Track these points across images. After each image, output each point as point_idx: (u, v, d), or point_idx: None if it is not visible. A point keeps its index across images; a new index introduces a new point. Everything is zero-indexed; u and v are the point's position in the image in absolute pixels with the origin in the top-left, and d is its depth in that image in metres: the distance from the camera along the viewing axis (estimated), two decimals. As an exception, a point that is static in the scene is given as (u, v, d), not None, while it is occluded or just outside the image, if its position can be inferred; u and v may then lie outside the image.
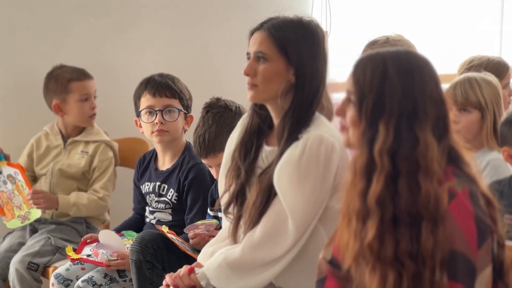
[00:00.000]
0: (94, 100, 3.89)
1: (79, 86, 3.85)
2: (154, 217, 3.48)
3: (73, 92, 3.85)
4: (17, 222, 3.75)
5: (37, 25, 4.15)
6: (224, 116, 3.03)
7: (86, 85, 3.87)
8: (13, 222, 3.77)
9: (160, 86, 3.44)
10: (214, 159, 3.04)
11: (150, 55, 4.35)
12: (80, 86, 3.85)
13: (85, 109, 3.86)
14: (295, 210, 2.42)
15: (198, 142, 3.05)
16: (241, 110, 3.04)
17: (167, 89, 3.44)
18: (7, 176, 3.78)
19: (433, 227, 1.94)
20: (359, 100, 2.01)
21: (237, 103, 3.10)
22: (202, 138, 3.02)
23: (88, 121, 3.89)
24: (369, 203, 1.97)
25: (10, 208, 3.76)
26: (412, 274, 1.94)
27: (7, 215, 3.77)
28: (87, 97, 3.86)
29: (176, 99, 3.44)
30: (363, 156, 1.99)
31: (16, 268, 3.57)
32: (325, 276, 2.21)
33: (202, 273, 2.56)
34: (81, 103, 3.85)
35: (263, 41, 2.52)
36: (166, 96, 3.43)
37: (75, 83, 3.85)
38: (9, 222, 3.77)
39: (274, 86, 2.50)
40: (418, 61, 2.05)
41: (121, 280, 3.33)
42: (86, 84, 3.87)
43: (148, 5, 4.36)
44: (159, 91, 3.44)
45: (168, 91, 3.44)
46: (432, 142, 1.98)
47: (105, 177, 3.83)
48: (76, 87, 3.85)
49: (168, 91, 3.44)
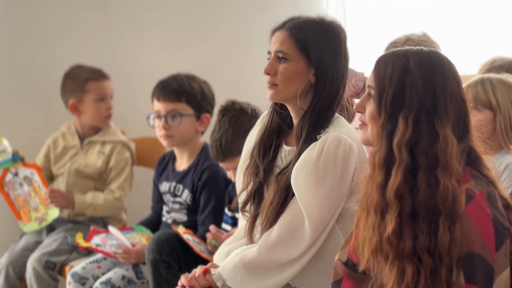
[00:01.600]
0: (110, 100, 3.89)
1: (95, 86, 3.85)
2: (170, 216, 3.48)
3: (90, 92, 3.85)
4: (34, 225, 3.75)
5: (54, 25, 4.16)
6: (240, 119, 3.02)
7: (103, 85, 3.87)
8: (30, 226, 3.77)
9: (164, 90, 3.44)
10: (231, 162, 3.03)
11: (167, 55, 4.35)
12: (97, 86, 3.86)
13: (101, 110, 3.86)
14: (312, 211, 2.40)
15: (215, 146, 3.04)
16: (257, 112, 3.03)
17: (172, 93, 3.43)
18: (23, 177, 3.78)
19: (450, 224, 1.94)
20: (379, 93, 2.02)
21: (252, 106, 3.08)
22: (219, 142, 3.02)
23: (104, 121, 3.89)
24: (388, 196, 1.97)
25: (26, 211, 3.77)
26: (429, 270, 1.94)
27: (24, 219, 3.77)
28: (103, 97, 3.86)
29: (182, 102, 3.43)
30: (382, 149, 2.00)
31: (34, 267, 3.58)
32: (341, 277, 2.20)
33: (218, 274, 2.54)
34: (97, 103, 3.85)
35: (284, 41, 2.51)
36: (170, 101, 3.43)
37: (92, 83, 3.85)
38: (26, 225, 3.77)
39: (294, 86, 2.49)
40: (440, 59, 2.05)
41: (138, 282, 3.34)
42: (103, 84, 3.87)
43: (165, 4, 4.36)
44: (163, 96, 3.44)
45: (173, 95, 3.43)
46: (452, 139, 1.98)
47: (121, 177, 3.83)
48: (93, 87, 3.85)
49: (173, 95, 3.43)
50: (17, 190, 3.78)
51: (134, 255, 3.31)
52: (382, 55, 2.08)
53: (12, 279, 3.65)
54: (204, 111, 3.47)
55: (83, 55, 4.14)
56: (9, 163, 3.75)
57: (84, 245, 3.43)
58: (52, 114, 4.02)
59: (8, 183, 3.78)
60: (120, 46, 4.29)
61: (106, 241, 3.39)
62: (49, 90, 4.05)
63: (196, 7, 4.42)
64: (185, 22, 4.40)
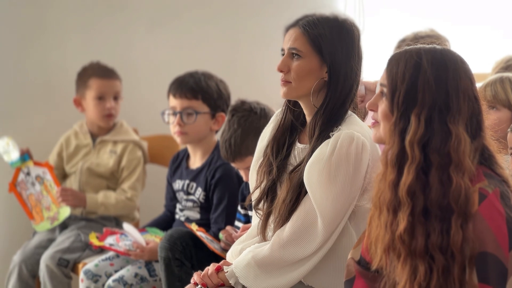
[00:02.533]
0: (112, 100, 3.85)
1: (97, 84, 3.84)
2: (184, 214, 3.48)
3: (91, 88, 3.85)
4: (46, 225, 3.76)
5: (68, 23, 4.17)
6: (250, 119, 3.01)
7: (105, 84, 3.85)
8: (42, 225, 3.77)
9: (181, 87, 3.44)
10: (242, 163, 3.03)
11: (180, 53, 4.35)
12: (98, 83, 3.85)
13: (99, 108, 3.85)
14: (324, 209, 2.40)
15: (225, 147, 3.03)
16: (266, 112, 3.02)
17: (189, 90, 3.43)
18: (35, 177, 3.78)
19: (463, 222, 1.93)
20: (391, 91, 2.02)
21: (262, 105, 3.07)
22: (229, 143, 3.01)
23: (103, 120, 3.87)
24: (400, 194, 1.97)
25: (39, 210, 3.77)
26: (442, 268, 1.93)
27: (36, 219, 3.78)
28: (102, 96, 3.84)
29: (198, 100, 3.43)
30: (395, 147, 2.00)
31: (47, 264, 3.59)
32: (353, 276, 2.20)
33: (231, 272, 2.53)
34: (96, 101, 3.85)
35: (298, 38, 2.51)
36: (187, 98, 3.43)
37: (94, 80, 3.85)
38: (38, 225, 3.78)
39: (307, 83, 2.49)
40: (453, 57, 2.05)
41: (151, 280, 3.34)
42: (106, 83, 3.85)
43: (179, 2, 4.36)
44: (180, 93, 3.44)
45: (190, 92, 3.43)
46: (464, 137, 1.97)
47: (133, 177, 3.83)
48: (94, 84, 3.85)
49: (189, 93, 3.43)
50: (29, 190, 3.79)
51: (147, 253, 3.31)
52: (395, 53, 2.08)
53: (25, 276, 3.66)
54: (219, 110, 3.47)
55: (97, 54, 4.15)
56: (19, 162, 3.76)
57: (98, 244, 3.43)
58: (65, 112, 4.02)
59: (21, 182, 3.79)
60: (134, 44, 4.30)
61: (119, 240, 3.40)
62: (62, 89, 4.06)
63: (209, 5, 4.41)
64: (199, 20, 4.40)
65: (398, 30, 4.34)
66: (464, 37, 4.38)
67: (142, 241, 3.32)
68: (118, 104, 3.89)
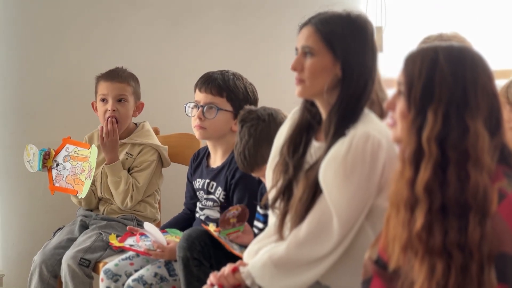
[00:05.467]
0: (116, 103, 3.80)
1: (101, 86, 3.83)
2: (204, 213, 3.47)
3: (97, 91, 3.86)
4: (87, 184, 3.73)
5: (88, 23, 4.17)
6: (259, 128, 2.97)
7: (108, 86, 3.81)
8: (85, 188, 3.73)
9: (208, 82, 3.43)
10: (260, 172, 3.01)
11: (201, 52, 4.35)
12: (102, 86, 3.83)
13: (101, 110, 3.83)
14: (340, 208, 2.39)
15: (240, 159, 3.01)
16: (275, 116, 2.98)
17: (214, 87, 3.41)
18: (63, 160, 3.79)
19: (481, 219, 1.91)
20: (408, 88, 2.01)
21: (269, 110, 3.02)
22: (243, 156, 2.98)
23: (104, 122, 3.82)
24: (417, 191, 1.96)
25: (78, 181, 3.75)
26: (460, 266, 1.92)
27: (79, 189, 3.75)
28: (104, 98, 3.82)
29: (222, 97, 3.42)
30: (411, 144, 1.98)
31: (68, 264, 3.59)
32: (370, 276, 2.18)
33: (247, 272, 2.53)
34: (100, 103, 3.84)
35: (310, 36, 2.50)
36: (211, 93, 3.42)
37: (100, 83, 3.84)
38: (82, 192, 3.74)
39: (320, 81, 2.48)
40: (470, 54, 2.03)
41: (171, 279, 3.32)
42: (109, 85, 3.81)
43: (200, 2, 4.35)
44: (205, 87, 3.43)
45: (215, 88, 3.41)
46: (483, 133, 1.95)
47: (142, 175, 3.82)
48: (100, 87, 3.84)
49: (215, 89, 3.41)
50: (64, 175, 3.79)
51: (168, 253, 3.30)
52: (411, 51, 2.06)
53: (46, 277, 3.66)
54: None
55: (117, 53, 4.15)
56: (40, 163, 3.77)
57: (118, 245, 3.43)
58: (85, 113, 4.01)
59: (56, 177, 3.79)
60: (154, 43, 4.29)
61: (139, 241, 3.39)
62: (82, 89, 4.06)
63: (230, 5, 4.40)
64: (220, 20, 4.39)
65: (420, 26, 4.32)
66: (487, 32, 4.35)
67: (163, 240, 3.31)
68: (124, 107, 3.83)
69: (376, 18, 4.46)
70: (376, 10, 4.44)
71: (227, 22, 4.40)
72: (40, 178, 3.97)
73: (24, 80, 4.08)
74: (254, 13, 4.44)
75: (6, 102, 4.03)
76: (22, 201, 4.11)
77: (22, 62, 4.07)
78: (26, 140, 3.87)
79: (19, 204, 4.10)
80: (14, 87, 4.06)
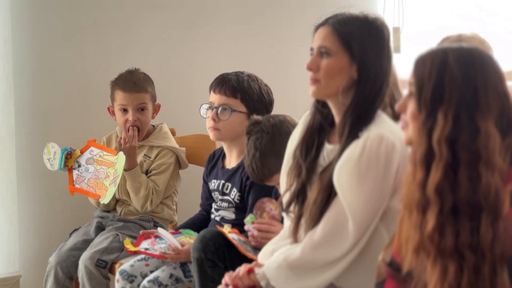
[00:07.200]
0: (137, 112, 3.80)
1: (119, 96, 3.81)
2: (219, 214, 3.47)
3: (115, 100, 3.84)
4: (111, 190, 3.72)
5: (105, 23, 4.18)
6: (264, 141, 2.96)
7: (127, 97, 3.79)
8: (109, 193, 3.72)
9: (222, 83, 3.43)
10: (271, 182, 3.01)
11: (217, 53, 4.35)
12: (121, 96, 3.81)
13: (121, 119, 3.82)
14: (355, 210, 2.39)
15: (249, 172, 3.01)
16: (279, 127, 2.96)
17: (228, 88, 3.41)
18: (86, 162, 3.79)
19: (493, 220, 1.91)
20: (418, 89, 2.00)
21: (273, 120, 2.99)
22: (251, 168, 2.99)
23: (126, 131, 3.81)
24: (428, 193, 1.95)
25: (101, 186, 3.75)
26: (472, 267, 1.91)
27: (102, 194, 3.75)
28: (125, 108, 3.81)
29: (237, 99, 3.41)
30: (422, 146, 1.98)
31: (86, 265, 3.59)
32: (384, 278, 2.17)
33: (262, 273, 2.54)
34: (119, 112, 3.83)
35: (327, 36, 2.50)
36: (225, 95, 3.41)
37: (117, 92, 3.83)
38: (105, 198, 3.73)
39: (336, 81, 2.47)
40: (480, 55, 2.02)
41: (186, 281, 3.33)
42: (128, 96, 3.79)
43: (217, 2, 4.35)
44: (220, 89, 3.43)
45: (229, 90, 3.41)
46: (494, 133, 1.94)
47: (161, 178, 3.82)
48: (118, 96, 3.83)
49: (229, 90, 3.41)
50: (86, 178, 3.79)
51: (183, 255, 3.30)
52: (421, 53, 2.05)
53: (61, 279, 3.66)
54: (257, 113, 3.41)
55: (134, 55, 4.16)
56: (62, 162, 3.77)
57: (133, 249, 3.43)
58: (103, 115, 4.02)
59: (77, 179, 3.80)
60: (170, 44, 4.29)
61: (154, 244, 3.39)
62: (99, 91, 4.06)
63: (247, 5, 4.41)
64: (237, 20, 4.40)
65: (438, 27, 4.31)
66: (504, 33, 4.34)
67: (177, 244, 3.31)
68: (145, 115, 3.83)
69: (394, 19, 4.46)
70: (394, 11, 4.44)
71: (242, 23, 4.40)
72: (56, 179, 3.99)
73: (41, 81, 4.09)
74: (269, 14, 4.44)
75: (23, 103, 4.04)
76: (39, 202, 4.12)
77: (39, 64, 4.08)
78: (43, 141, 3.87)
79: (36, 205, 4.11)
80: (31, 88, 4.07)
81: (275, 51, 4.46)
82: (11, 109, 3.99)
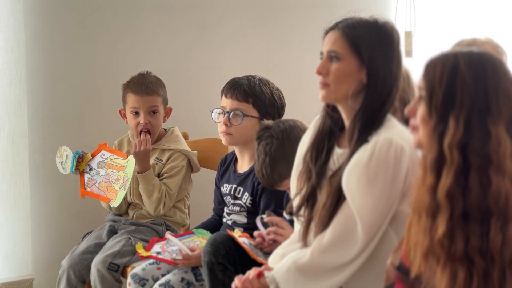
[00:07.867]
0: (149, 115, 3.80)
1: (131, 99, 3.82)
2: (231, 218, 3.47)
3: (127, 102, 3.84)
4: (122, 193, 3.74)
5: (118, 29, 4.20)
6: (273, 147, 2.96)
7: (139, 99, 3.80)
8: (119, 197, 3.73)
9: (233, 88, 3.43)
10: (281, 187, 3.01)
11: (229, 56, 4.35)
12: (132, 99, 3.82)
13: (133, 122, 3.83)
14: (364, 214, 2.38)
15: (259, 177, 3.01)
16: (289, 133, 2.96)
17: (240, 93, 3.41)
18: (97, 166, 3.80)
19: (503, 225, 1.90)
20: (429, 94, 2.00)
21: (283, 126, 2.99)
22: (261, 174, 2.99)
23: (137, 134, 3.82)
24: (439, 198, 1.95)
25: (111, 189, 3.76)
26: (482, 272, 1.91)
27: (112, 198, 3.76)
28: (136, 111, 3.81)
29: (248, 103, 3.41)
30: (433, 151, 1.98)
31: (98, 269, 3.60)
32: (392, 282, 2.17)
33: (272, 277, 2.54)
34: (131, 115, 3.83)
35: (337, 40, 2.50)
36: (237, 99, 3.42)
37: (129, 95, 3.83)
38: (116, 200, 3.74)
39: (345, 85, 2.48)
40: (491, 59, 2.02)
41: (198, 284, 3.33)
42: (139, 99, 3.80)
43: (228, 6, 4.36)
44: (231, 93, 3.43)
45: (241, 94, 3.41)
46: (505, 138, 1.94)
47: (173, 181, 3.82)
48: (129, 99, 3.83)
49: (241, 95, 3.41)
50: (97, 181, 3.80)
51: (194, 260, 3.30)
52: (432, 57, 2.05)
53: (74, 282, 3.67)
54: (269, 117, 3.42)
55: (146, 58, 4.17)
56: (73, 165, 3.78)
57: (145, 255, 3.44)
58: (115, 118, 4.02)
59: (88, 182, 3.81)
60: (182, 47, 4.30)
61: (165, 248, 3.39)
62: (111, 93, 4.07)
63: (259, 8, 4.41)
64: (249, 23, 4.40)
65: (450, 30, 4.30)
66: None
67: (187, 250, 3.32)
68: (156, 118, 3.84)
69: (406, 23, 4.45)
70: (406, 15, 4.43)
71: (254, 27, 4.40)
72: (69, 183, 4.00)
73: (53, 84, 4.11)
74: (281, 17, 4.44)
75: (36, 107, 4.06)
76: (52, 205, 4.13)
77: (52, 67, 4.10)
78: (55, 144, 3.88)
79: (49, 208, 4.13)
80: (44, 92, 4.08)
81: (287, 55, 4.46)
82: (24, 113, 4.01)
